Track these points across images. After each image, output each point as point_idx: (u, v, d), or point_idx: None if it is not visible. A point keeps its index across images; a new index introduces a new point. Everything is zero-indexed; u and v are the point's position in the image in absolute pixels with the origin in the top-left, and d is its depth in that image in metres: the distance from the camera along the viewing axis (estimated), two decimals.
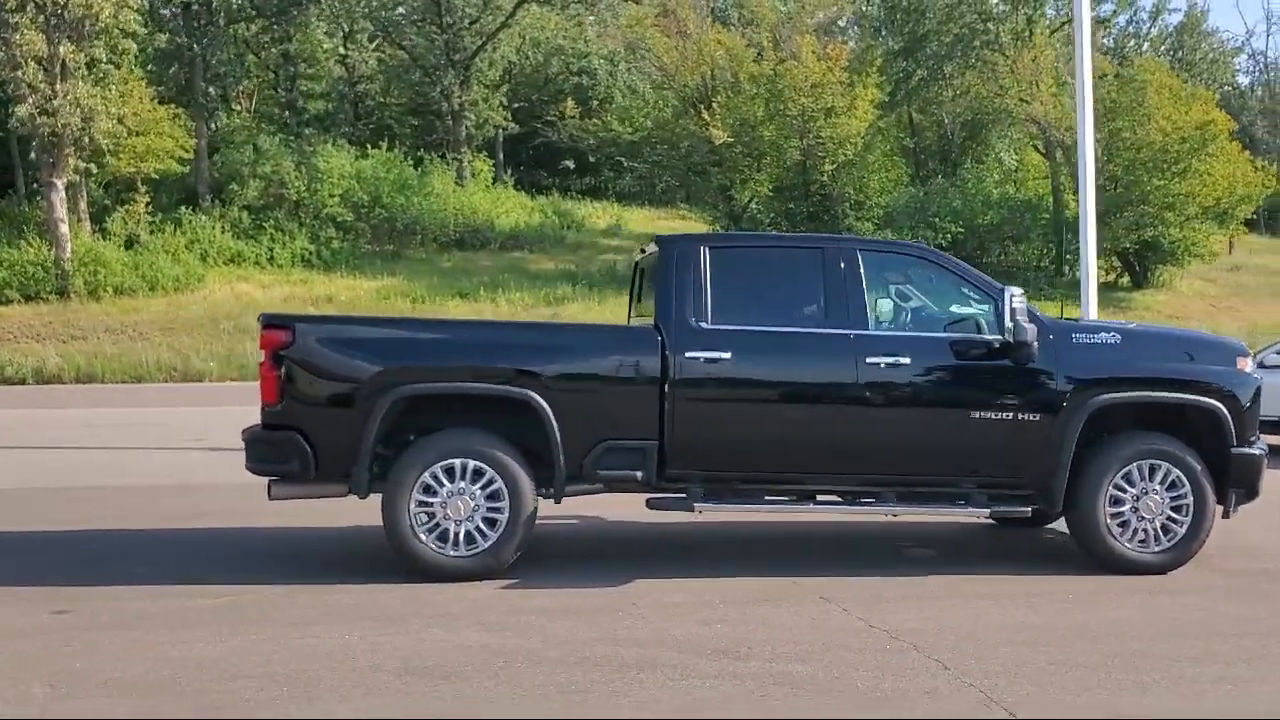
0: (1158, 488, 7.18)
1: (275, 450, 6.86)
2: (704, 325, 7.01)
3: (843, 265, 7.20)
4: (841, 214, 35.94)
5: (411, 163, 38.96)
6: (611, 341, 7.18)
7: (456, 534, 6.79)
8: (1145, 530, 7.20)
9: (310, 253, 35.61)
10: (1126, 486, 7.17)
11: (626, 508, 8.46)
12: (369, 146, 38.81)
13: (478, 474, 6.79)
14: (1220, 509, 7.27)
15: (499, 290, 34.56)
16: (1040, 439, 7.10)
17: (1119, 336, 7.33)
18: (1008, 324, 6.92)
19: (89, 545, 7.94)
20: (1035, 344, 7.01)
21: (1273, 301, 40.54)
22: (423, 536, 6.77)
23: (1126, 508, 7.17)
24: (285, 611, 6.13)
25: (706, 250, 7.21)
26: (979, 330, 7.24)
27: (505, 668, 5.20)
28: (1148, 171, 36.37)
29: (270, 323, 6.94)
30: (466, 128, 42.64)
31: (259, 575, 6.93)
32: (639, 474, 6.97)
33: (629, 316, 8.71)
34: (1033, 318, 7.06)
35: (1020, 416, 7.11)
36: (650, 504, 7.12)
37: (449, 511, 6.76)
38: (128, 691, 4.81)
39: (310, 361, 6.82)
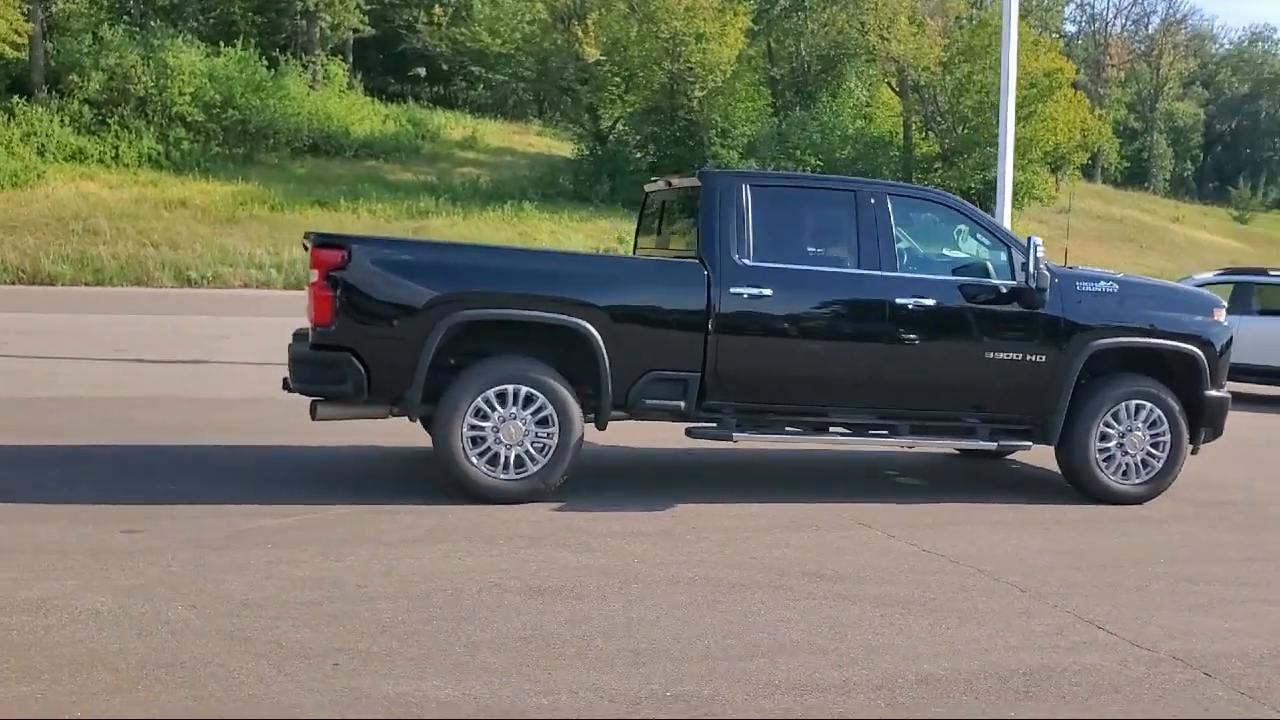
0: (1141, 425, 7.87)
1: (328, 371, 6.82)
2: (747, 262, 7.26)
3: (874, 208, 7.54)
4: (708, 141, 36.38)
5: (265, 64, 37.39)
6: (661, 275, 7.34)
7: (507, 458, 6.92)
8: (1128, 464, 7.90)
9: (158, 153, 34.07)
10: (1114, 423, 7.83)
11: (615, 433, 8.71)
12: (221, 44, 37.03)
13: (529, 400, 6.92)
14: (1190, 446, 8.04)
15: (359, 200, 33.82)
16: (1044, 378, 7.66)
17: (1116, 286, 7.93)
18: (1031, 270, 7.42)
19: (106, 460, 7.73)
20: (1048, 290, 7.55)
21: (1098, 244, 43.26)
22: (474, 459, 6.88)
23: (1113, 443, 7.85)
24: (370, 531, 6.18)
25: (748, 187, 7.43)
26: (989, 275, 7.74)
27: (622, 588, 5.43)
28: (996, 115, 37.97)
29: (323, 242, 6.86)
30: (321, 29, 41.11)
31: (302, 495, 6.91)
32: (681, 404, 7.23)
33: (634, 248, 8.88)
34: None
35: (1028, 357, 7.65)
36: (691, 433, 7.39)
37: (501, 436, 6.88)
38: (280, 612, 4.82)
39: (368, 283, 6.78)
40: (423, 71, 48.57)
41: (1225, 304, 8.38)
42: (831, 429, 7.75)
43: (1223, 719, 4.26)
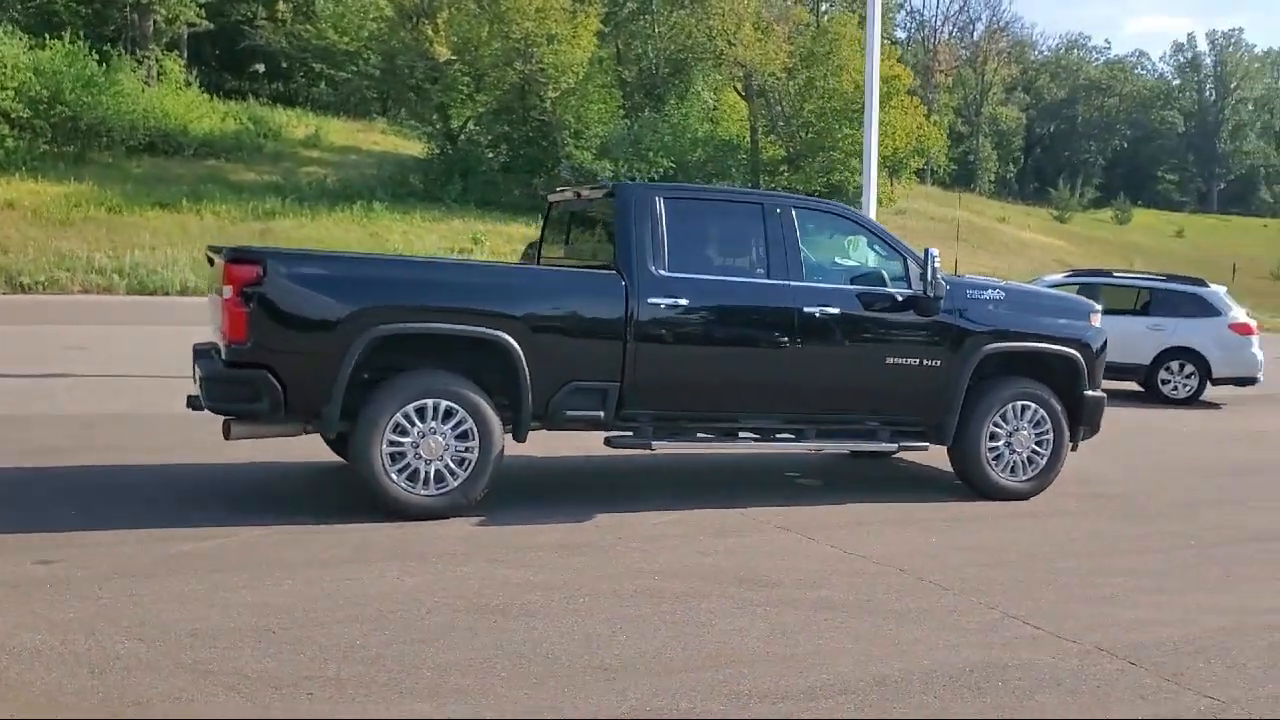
0: (1026, 425, 8.32)
1: (244, 389, 6.63)
2: (662, 273, 7.37)
3: (780, 220, 7.76)
4: (561, 142, 36.38)
5: (96, 58, 35.74)
6: (579, 286, 7.37)
7: (427, 473, 6.88)
8: (1015, 462, 8.33)
9: None
10: (1003, 424, 8.25)
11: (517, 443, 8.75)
12: (46, 36, 35.26)
13: (449, 414, 6.89)
14: (1070, 444, 8.52)
15: (202, 201, 32.72)
16: (939, 382, 8.02)
17: (1002, 293, 8.35)
18: (930, 279, 7.75)
19: (23, 484, 7.37)
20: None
21: (931, 241, 44.88)
22: (394, 476, 6.82)
23: (1001, 442, 8.28)
24: (297, 553, 6.06)
25: (661, 200, 7.54)
26: (884, 283, 8.04)
27: (569, 603, 5.47)
28: (838, 119, 39.13)
29: (238, 257, 6.67)
30: (155, 22, 39.54)
31: (214, 518, 6.70)
32: (601, 414, 7.31)
33: (538, 258, 8.90)
34: None
35: (925, 363, 7.99)
36: (611, 442, 7.46)
37: (421, 451, 6.84)
38: (233, 642, 4.70)
39: (285, 298, 6.62)
40: (261, 68, 47.22)
41: (1100, 308, 8.88)
42: (741, 434, 7.93)
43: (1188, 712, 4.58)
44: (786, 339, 7.65)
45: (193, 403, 7.42)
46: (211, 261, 7.37)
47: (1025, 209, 66.82)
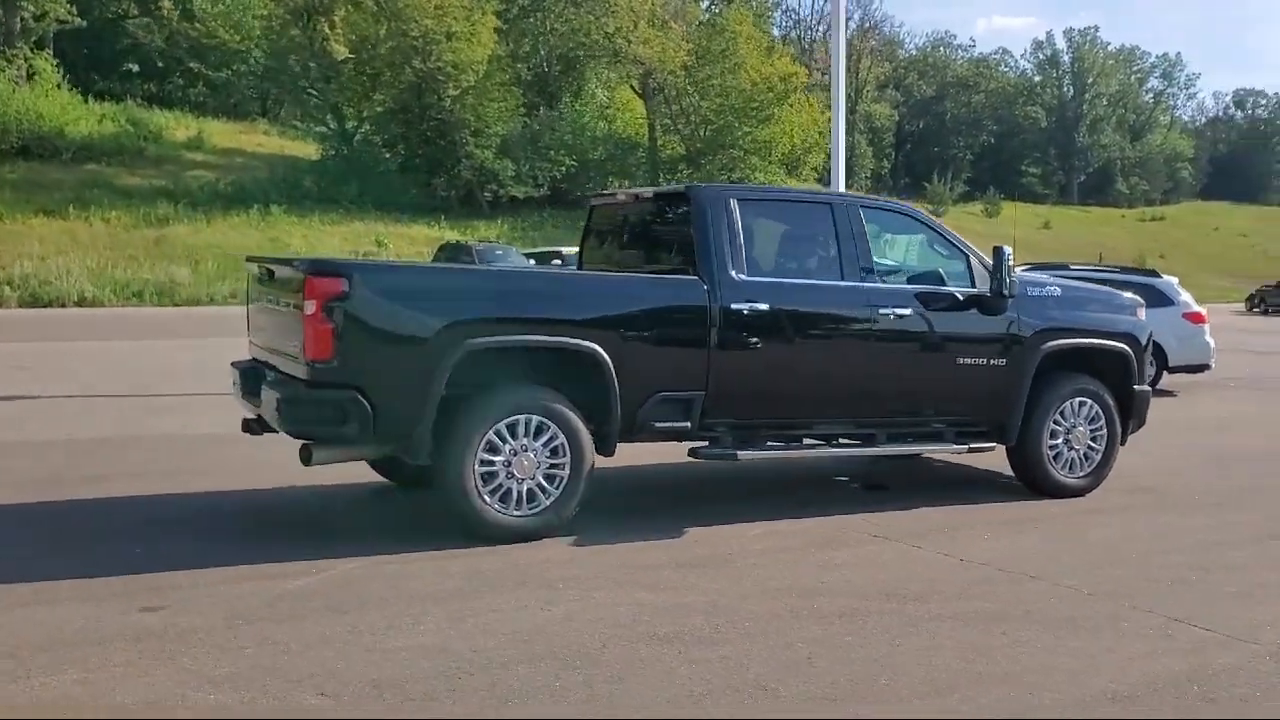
0: (1083, 421, 8.31)
1: (330, 411, 6.15)
2: (742, 277, 7.13)
3: (850, 221, 7.58)
4: (461, 141, 35.71)
5: None
6: (664, 293, 7.06)
7: (519, 493, 6.51)
8: (1073, 458, 8.32)
9: None
10: (1061, 420, 8.23)
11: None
12: None
13: (540, 429, 6.54)
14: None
15: (90, 207, 31.29)
16: (1004, 381, 7.95)
17: (1059, 290, 8.34)
18: (1005, 278, 7.67)
19: (27, 521, 6.74)
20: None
21: None
22: (486, 497, 6.43)
23: (1060, 439, 8.25)
24: (415, 585, 5.64)
25: (735, 201, 7.29)
26: (943, 282, 7.94)
27: (734, 627, 5.18)
28: (737, 117, 39.35)
29: (320, 270, 6.19)
30: (23, 19, 37.50)
31: (299, 550, 6.21)
32: (687, 424, 7.03)
33: (580, 263, 8.56)
34: None
35: (992, 362, 7.92)
36: (696, 453, 7.19)
37: (514, 469, 6.47)
38: (425, 691, 4.29)
39: (373, 313, 6.18)
40: (135, 67, 45.26)
41: (1144, 303, 8.94)
42: (809, 440, 7.73)
43: None
44: (861, 342, 7.49)
45: (251, 427, 6.93)
46: (272, 274, 6.85)
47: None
